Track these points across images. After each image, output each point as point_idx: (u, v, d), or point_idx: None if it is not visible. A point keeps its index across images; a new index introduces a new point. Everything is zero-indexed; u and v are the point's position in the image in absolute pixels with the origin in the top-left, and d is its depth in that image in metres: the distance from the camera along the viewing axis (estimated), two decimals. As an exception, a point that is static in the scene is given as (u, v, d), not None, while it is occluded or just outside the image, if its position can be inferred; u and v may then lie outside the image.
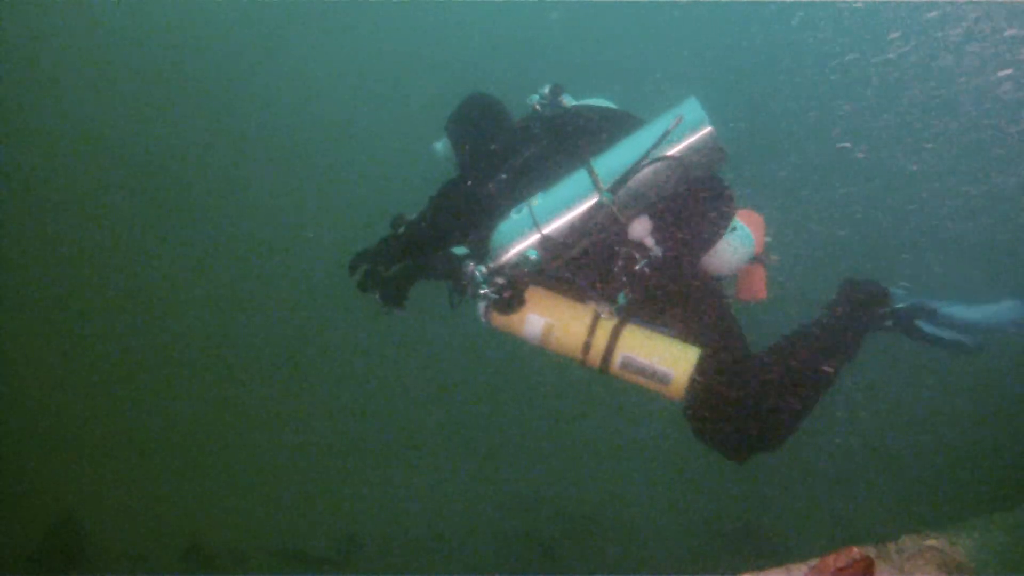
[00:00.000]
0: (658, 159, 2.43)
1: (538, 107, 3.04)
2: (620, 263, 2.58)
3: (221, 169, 15.27)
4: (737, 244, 2.76)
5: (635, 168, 2.44)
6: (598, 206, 2.48)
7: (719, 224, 2.68)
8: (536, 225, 2.52)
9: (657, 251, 2.58)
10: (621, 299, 2.60)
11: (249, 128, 15.95)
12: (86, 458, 9.03)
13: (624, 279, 2.59)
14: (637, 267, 2.58)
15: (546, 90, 3.05)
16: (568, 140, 2.77)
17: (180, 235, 13.89)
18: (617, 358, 2.52)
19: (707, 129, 2.42)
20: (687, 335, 2.64)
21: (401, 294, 2.82)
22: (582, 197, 2.52)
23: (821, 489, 9.08)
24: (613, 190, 2.46)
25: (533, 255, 2.52)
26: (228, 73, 16.50)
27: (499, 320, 2.62)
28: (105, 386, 10.54)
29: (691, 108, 2.47)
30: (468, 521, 8.99)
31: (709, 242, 2.69)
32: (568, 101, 3.05)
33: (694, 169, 2.45)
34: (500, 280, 2.53)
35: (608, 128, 2.74)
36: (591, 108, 2.96)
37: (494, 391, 10.84)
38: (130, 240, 13.48)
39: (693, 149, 2.44)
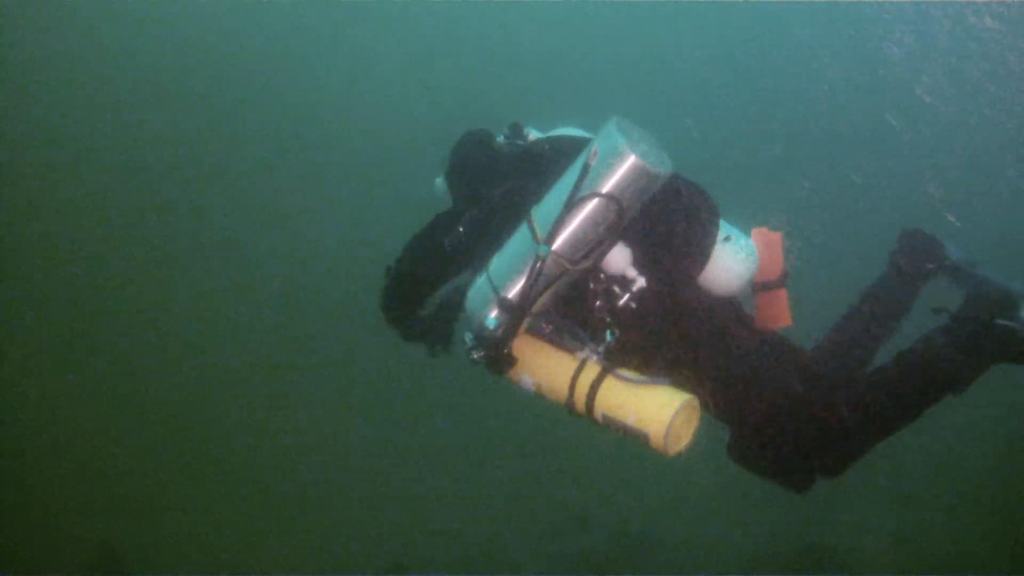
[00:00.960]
0: (585, 198, 2.18)
1: (504, 147, 2.86)
2: (599, 303, 2.36)
3: (221, 173, 15.20)
4: (733, 255, 2.49)
5: (563, 213, 2.19)
6: (541, 259, 2.22)
7: (704, 236, 2.45)
8: (495, 289, 2.33)
9: (641, 281, 2.35)
10: (610, 337, 2.37)
11: (250, 132, 15.86)
12: (126, 490, 8.99)
13: (608, 319, 2.37)
14: (621, 303, 2.35)
15: (506, 130, 2.90)
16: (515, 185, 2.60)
17: (199, 249, 13.85)
18: (599, 415, 2.29)
19: (630, 158, 2.13)
20: (693, 370, 2.38)
21: (446, 334, 2.75)
22: (527, 252, 2.28)
23: (885, 507, 8.66)
24: (549, 240, 2.21)
25: (491, 324, 2.32)
26: (232, 77, 16.50)
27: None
28: (145, 416, 10.50)
29: (608, 135, 2.19)
30: (517, 541, 8.76)
31: (698, 259, 2.46)
32: (533, 135, 2.88)
33: (631, 199, 2.19)
34: (485, 342, 2.36)
35: (548, 166, 2.49)
36: (548, 141, 2.76)
37: (538, 405, 10.21)
38: (154, 261, 13.52)
39: (622, 180, 2.16)
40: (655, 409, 2.18)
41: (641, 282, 2.35)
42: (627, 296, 2.35)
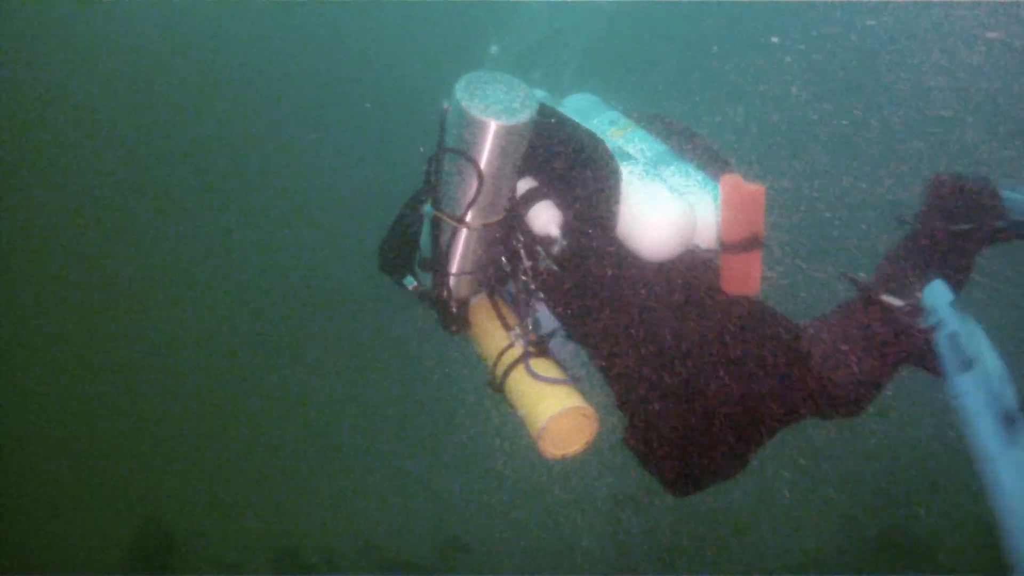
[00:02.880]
0: (440, 155, 2.12)
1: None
2: (524, 265, 2.25)
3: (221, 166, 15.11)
4: (639, 211, 2.08)
5: (431, 172, 2.19)
6: (433, 220, 2.20)
7: (603, 190, 2.13)
8: (420, 250, 2.36)
9: (563, 242, 2.17)
10: (546, 318, 2.28)
11: (252, 124, 15.69)
12: (174, 461, 8.88)
13: (532, 284, 2.25)
14: (543, 266, 2.21)
15: None
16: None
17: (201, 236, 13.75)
18: (508, 399, 2.24)
19: (466, 111, 2.02)
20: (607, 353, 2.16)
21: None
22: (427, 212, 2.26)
23: (973, 491, 8.02)
24: (435, 201, 2.18)
25: (408, 283, 2.38)
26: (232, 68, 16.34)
27: None
28: (186, 390, 10.39)
29: (456, 90, 2.07)
30: (584, 520, 8.37)
31: (605, 215, 2.13)
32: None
33: (480, 152, 2.05)
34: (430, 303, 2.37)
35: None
36: None
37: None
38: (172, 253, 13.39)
39: (467, 135, 2.05)
40: (540, 409, 2.10)
41: (563, 242, 2.17)
42: (547, 261, 2.21)
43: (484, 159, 2.07)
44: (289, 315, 12.13)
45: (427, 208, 2.20)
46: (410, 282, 2.40)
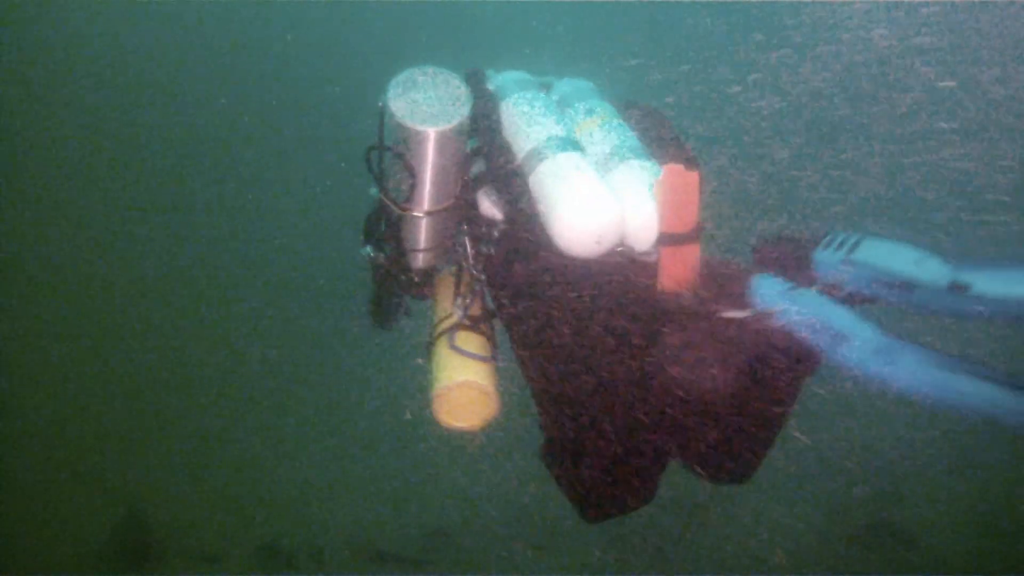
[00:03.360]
0: (375, 147, 2.17)
1: None
2: (469, 248, 2.29)
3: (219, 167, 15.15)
4: (558, 205, 1.99)
5: (370, 159, 2.20)
6: (380, 203, 2.28)
7: (501, 179, 2.18)
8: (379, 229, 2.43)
9: (501, 227, 2.19)
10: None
11: (251, 126, 15.73)
12: (152, 453, 8.82)
13: (475, 268, 2.28)
14: (483, 250, 2.25)
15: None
16: None
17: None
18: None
19: (387, 110, 2.09)
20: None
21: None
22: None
23: (966, 480, 8.13)
24: (382, 188, 2.23)
25: (365, 252, 2.44)
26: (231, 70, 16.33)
27: None
28: (169, 381, 10.37)
29: (389, 90, 2.12)
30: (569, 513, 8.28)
31: (515, 203, 2.15)
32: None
33: (404, 147, 2.12)
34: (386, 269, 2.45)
35: None
36: None
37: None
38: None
39: (392, 130, 2.12)
40: (442, 376, 2.16)
41: (500, 227, 2.19)
42: (487, 242, 2.24)
43: (416, 159, 2.12)
44: (275, 308, 12.12)
45: (373, 191, 2.28)
46: (368, 252, 2.45)
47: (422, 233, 2.32)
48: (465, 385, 2.12)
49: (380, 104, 2.13)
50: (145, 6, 16.12)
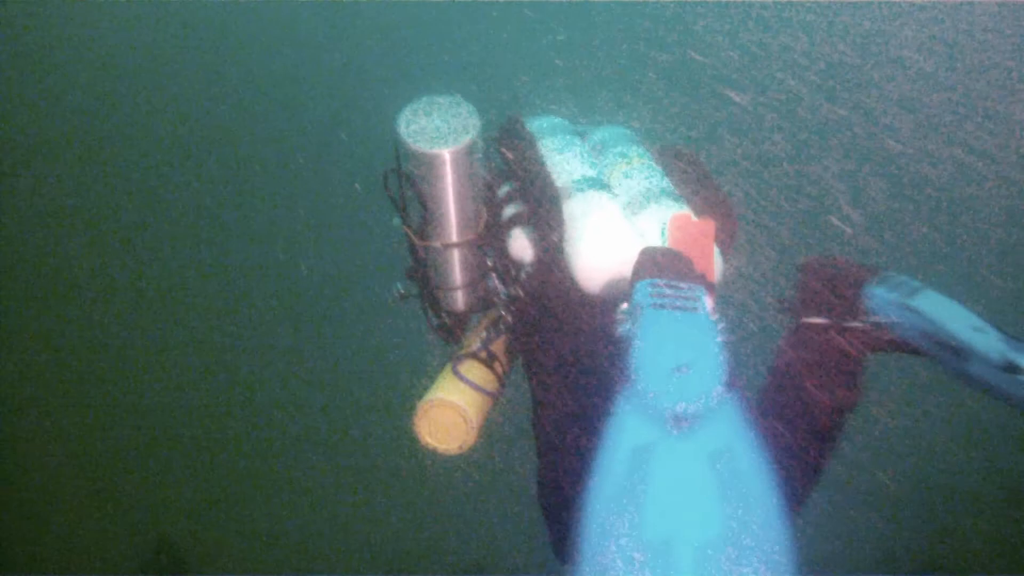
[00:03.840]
0: (391, 172, 2.18)
1: None
2: (495, 285, 2.28)
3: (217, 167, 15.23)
4: (579, 239, 1.96)
5: (387, 184, 2.21)
6: (399, 230, 2.27)
7: (542, 221, 2.10)
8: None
9: (529, 270, 2.17)
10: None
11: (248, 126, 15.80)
12: (181, 478, 8.89)
13: (501, 307, 2.28)
14: (512, 289, 2.24)
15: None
16: None
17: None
18: None
19: (397, 134, 2.11)
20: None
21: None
22: None
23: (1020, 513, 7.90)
24: (403, 216, 2.22)
25: (396, 287, 2.41)
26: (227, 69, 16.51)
27: None
28: (198, 407, 10.40)
29: (399, 120, 2.15)
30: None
31: (549, 244, 2.08)
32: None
33: (418, 174, 2.12)
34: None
35: None
36: None
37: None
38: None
39: (403, 155, 2.13)
40: (430, 392, 2.21)
41: (528, 270, 2.17)
42: (515, 284, 2.22)
43: (436, 186, 2.13)
44: (298, 324, 12.14)
45: (395, 220, 2.25)
46: (398, 288, 2.45)
47: (452, 268, 2.29)
48: (449, 406, 2.15)
49: (392, 132, 2.14)
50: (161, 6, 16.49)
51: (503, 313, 2.29)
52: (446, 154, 2.09)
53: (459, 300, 2.35)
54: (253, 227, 14.29)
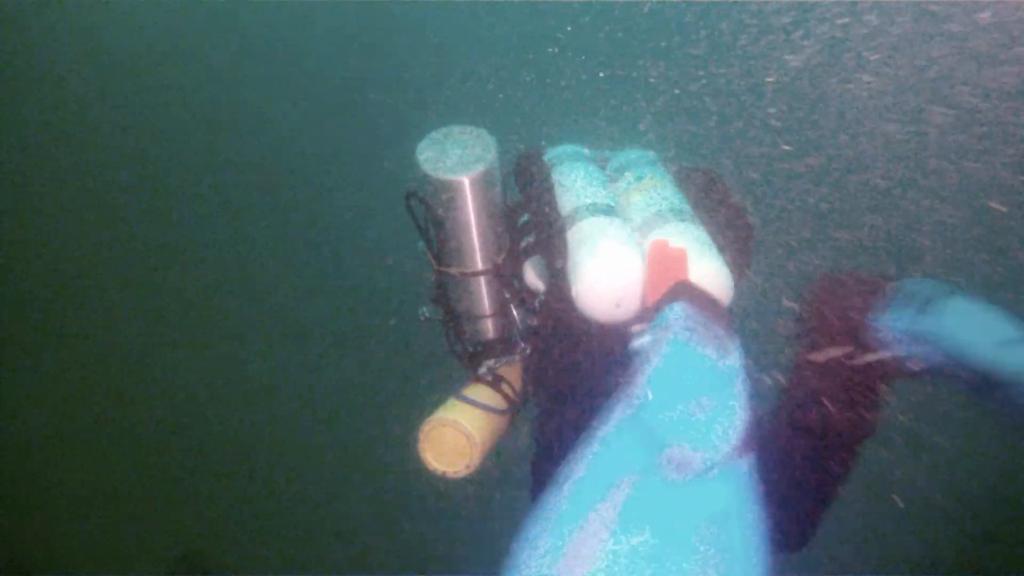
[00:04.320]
0: (411, 197, 2.17)
1: None
2: (513, 314, 2.28)
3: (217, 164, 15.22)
4: (582, 260, 1.92)
5: (409, 206, 2.20)
6: (422, 256, 2.26)
7: (548, 249, 2.10)
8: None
9: (542, 298, 2.19)
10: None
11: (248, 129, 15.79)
12: (206, 493, 8.88)
13: (518, 335, 2.29)
14: (529, 318, 2.26)
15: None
16: None
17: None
18: None
19: (417, 160, 2.12)
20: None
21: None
22: None
23: None
24: (426, 240, 2.22)
25: (422, 313, 2.39)
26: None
27: None
28: (222, 422, 10.38)
29: (418, 150, 2.17)
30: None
31: (554, 271, 2.09)
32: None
33: (434, 201, 2.12)
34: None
35: None
36: None
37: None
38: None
39: (421, 181, 2.13)
40: (435, 412, 2.19)
41: (541, 299, 2.19)
42: (529, 312, 2.27)
43: (457, 213, 2.13)
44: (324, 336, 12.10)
45: (419, 244, 2.25)
46: (423, 311, 2.42)
47: (472, 296, 2.29)
48: (449, 425, 2.11)
49: (413, 162, 2.16)
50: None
51: (521, 344, 2.28)
52: (465, 180, 2.09)
53: (479, 329, 2.33)
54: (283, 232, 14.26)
